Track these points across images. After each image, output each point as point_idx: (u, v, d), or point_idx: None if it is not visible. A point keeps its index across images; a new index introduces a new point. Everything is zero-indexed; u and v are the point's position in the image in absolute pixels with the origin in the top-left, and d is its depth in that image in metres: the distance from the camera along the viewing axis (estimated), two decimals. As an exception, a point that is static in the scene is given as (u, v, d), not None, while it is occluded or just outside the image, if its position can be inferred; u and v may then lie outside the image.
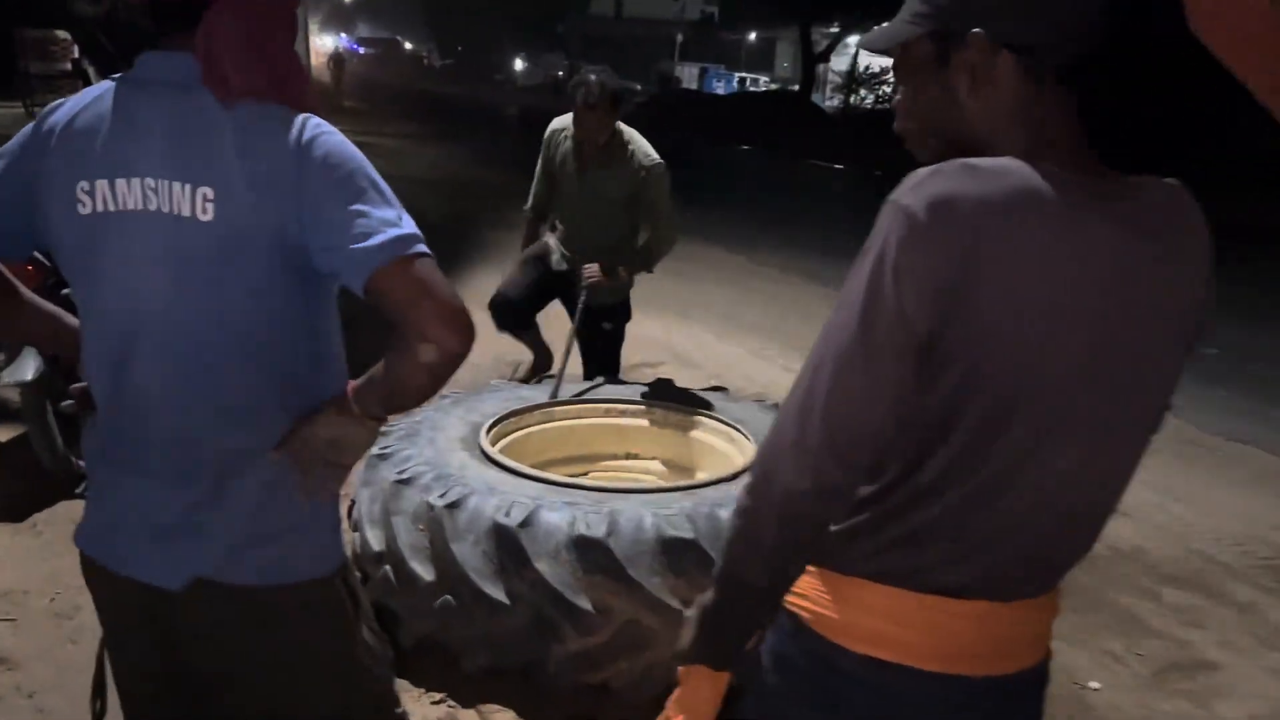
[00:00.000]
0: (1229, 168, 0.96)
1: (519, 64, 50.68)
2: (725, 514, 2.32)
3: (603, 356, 3.95)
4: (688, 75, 39.58)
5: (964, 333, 0.89)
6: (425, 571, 2.34)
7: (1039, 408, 0.92)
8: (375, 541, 2.47)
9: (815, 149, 19.81)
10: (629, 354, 4.21)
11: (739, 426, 2.98)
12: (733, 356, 5.64)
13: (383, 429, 1.29)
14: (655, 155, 3.68)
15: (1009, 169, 0.89)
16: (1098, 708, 2.58)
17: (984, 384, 0.91)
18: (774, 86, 34.67)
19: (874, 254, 0.90)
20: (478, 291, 4.28)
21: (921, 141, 1.04)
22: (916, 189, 0.89)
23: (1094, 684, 2.67)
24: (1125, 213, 0.92)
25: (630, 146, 3.68)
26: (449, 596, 2.31)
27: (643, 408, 3.21)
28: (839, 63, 31.39)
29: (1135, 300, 0.92)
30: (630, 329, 4.02)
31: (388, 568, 2.42)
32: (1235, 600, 3.25)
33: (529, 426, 3.06)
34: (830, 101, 31.58)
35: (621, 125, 3.68)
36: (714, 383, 4.30)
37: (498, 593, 2.25)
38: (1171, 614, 3.12)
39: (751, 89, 34.52)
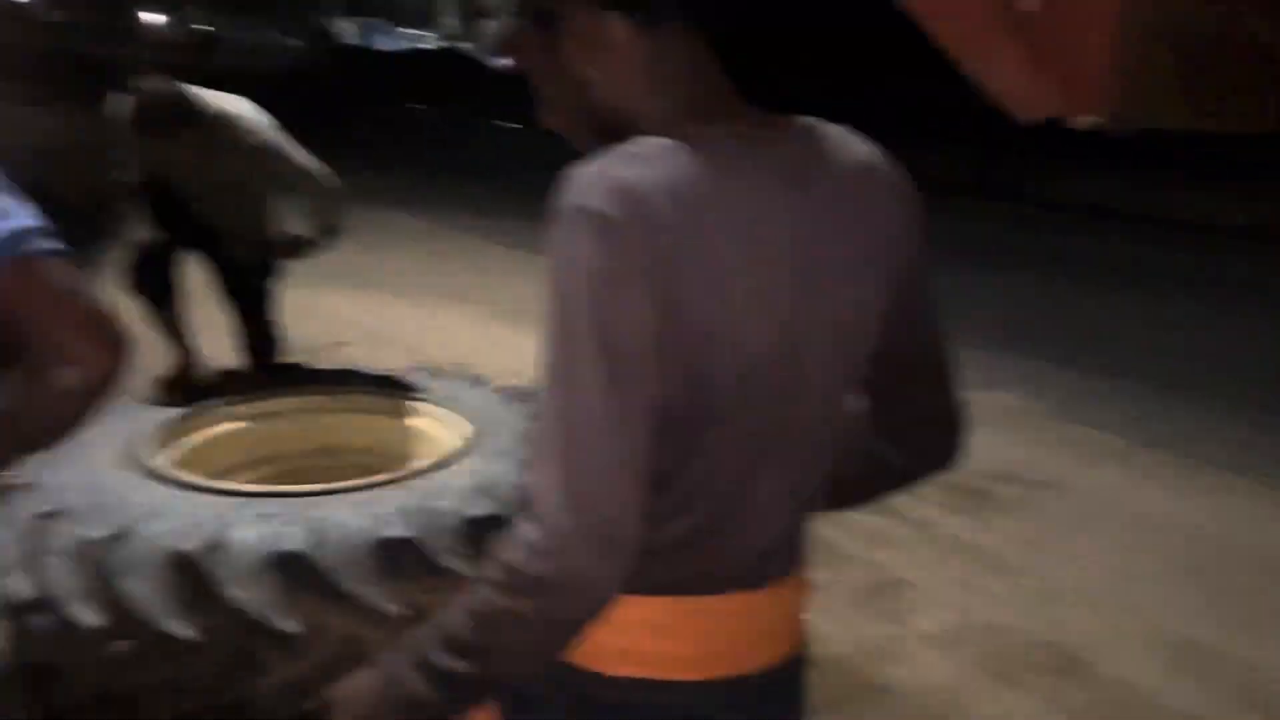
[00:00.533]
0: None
1: (153, 18, 45.73)
2: (443, 504, 2.16)
3: (261, 323, 3.56)
4: (349, 32, 37.61)
5: (677, 330, 0.80)
6: (90, 617, 1.98)
7: (764, 386, 0.87)
8: (22, 588, 2.06)
9: (486, 108, 19.52)
10: (316, 334, 3.89)
11: (447, 404, 2.81)
12: (427, 328, 5.40)
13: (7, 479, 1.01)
14: (258, 125, 3.32)
15: (662, 148, 0.82)
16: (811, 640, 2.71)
17: (709, 379, 0.84)
18: (442, 44, 33.83)
19: (575, 274, 0.79)
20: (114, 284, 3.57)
21: (573, 131, 0.96)
22: (589, 188, 0.79)
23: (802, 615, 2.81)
24: (784, 158, 0.88)
25: (231, 126, 3.30)
26: (123, 642, 1.98)
27: (339, 394, 2.94)
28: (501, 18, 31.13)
29: (816, 252, 0.88)
30: (312, 305, 3.68)
31: (41, 618, 2.03)
32: (914, 519, 3.56)
33: (205, 429, 2.70)
34: (498, 60, 31.38)
35: (215, 101, 3.32)
36: (411, 357, 4.07)
37: (183, 630, 1.95)
38: (863, 538, 3.36)
39: (419, 45, 33.44)
